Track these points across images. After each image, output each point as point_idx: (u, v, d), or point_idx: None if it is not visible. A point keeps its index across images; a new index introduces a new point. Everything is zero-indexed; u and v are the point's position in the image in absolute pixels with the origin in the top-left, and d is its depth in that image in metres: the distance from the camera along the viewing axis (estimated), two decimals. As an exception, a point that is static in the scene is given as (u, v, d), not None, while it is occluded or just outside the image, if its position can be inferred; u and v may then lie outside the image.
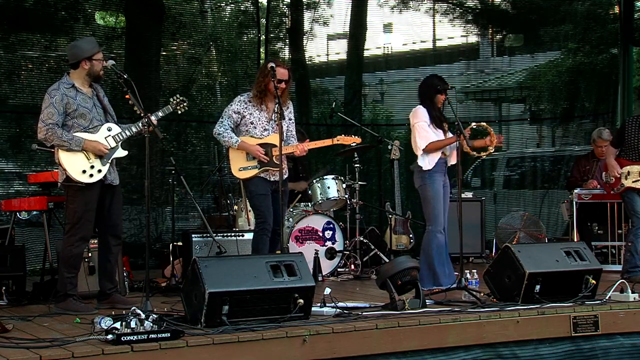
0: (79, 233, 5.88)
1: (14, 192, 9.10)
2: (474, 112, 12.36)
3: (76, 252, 5.91)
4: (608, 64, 11.70)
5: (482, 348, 5.34)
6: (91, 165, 5.85)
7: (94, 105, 6.01)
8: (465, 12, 12.13)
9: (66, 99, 5.83)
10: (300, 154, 6.74)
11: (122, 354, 4.31)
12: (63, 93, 5.84)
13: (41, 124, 5.81)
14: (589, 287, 5.90)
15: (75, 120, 5.88)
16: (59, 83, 5.92)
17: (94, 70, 5.96)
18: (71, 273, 5.91)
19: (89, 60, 5.93)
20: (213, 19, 10.85)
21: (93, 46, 6.01)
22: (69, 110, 5.86)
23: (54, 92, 5.85)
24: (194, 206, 8.46)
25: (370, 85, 12.07)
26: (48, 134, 5.78)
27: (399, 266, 5.69)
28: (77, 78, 5.97)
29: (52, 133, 5.76)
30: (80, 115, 5.89)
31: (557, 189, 11.18)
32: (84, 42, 6.16)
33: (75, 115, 5.87)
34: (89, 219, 5.91)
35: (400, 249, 8.88)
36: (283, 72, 6.59)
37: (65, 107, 5.83)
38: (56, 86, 5.90)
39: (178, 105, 6.31)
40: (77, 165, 5.82)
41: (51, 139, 5.80)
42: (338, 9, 11.32)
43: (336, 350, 4.88)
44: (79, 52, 5.96)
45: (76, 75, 5.98)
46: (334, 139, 6.90)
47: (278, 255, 5.70)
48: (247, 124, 6.63)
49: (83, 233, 5.91)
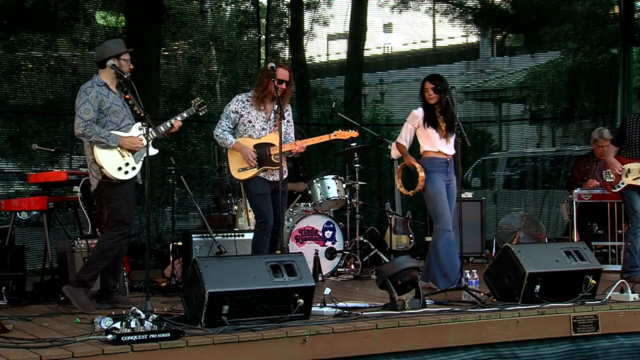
0: (123, 229, 5.96)
1: (14, 192, 9.10)
2: (474, 112, 12.37)
3: (115, 247, 5.97)
4: (608, 64, 11.70)
5: (482, 348, 5.34)
6: (126, 163, 5.93)
7: (124, 105, 6.11)
8: (465, 12, 12.14)
9: (100, 96, 5.92)
10: (299, 151, 6.75)
11: (122, 354, 4.31)
12: (97, 91, 5.93)
13: (79, 120, 5.87)
14: (589, 287, 5.89)
15: (109, 118, 5.96)
16: (91, 82, 6.01)
17: (121, 70, 6.01)
18: (101, 265, 5.98)
19: (117, 59, 6.00)
20: (213, 19, 10.86)
21: (120, 46, 6.12)
22: (103, 107, 5.93)
23: (89, 89, 5.95)
24: (194, 206, 8.46)
25: (370, 85, 12.07)
26: (86, 130, 5.84)
27: (399, 266, 5.69)
28: (106, 77, 6.06)
29: (90, 129, 5.84)
30: (113, 113, 5.96)
31: (557, 189, 11.18)
32: (112, 42, 6.27)
33: (108, 112, 5.95)
34: (131, 215, 6.02)
35: (400, 249, 8.89)
36: (284, 73, 6.60)
37: (99, 104, 5.92)
38: (90, 84, 6.00)
39: (199, 108, 6.41)
40: (113, 162, 5.90)
41: (89, 135, 5.86)
42: (338, 9, 11.33)
43: (336, 350, 4.88)
44: (107, 51, 6.06)
45: (105, 75, 6.07)
46: (331, 135, 6.91)
47: (278, 255, 5.70)
48: (245, 123, 6.64)
49: (126, 229, 5.99)
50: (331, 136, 6.91)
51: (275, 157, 6.53)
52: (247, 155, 6.54)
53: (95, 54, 6.27)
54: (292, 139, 6.80)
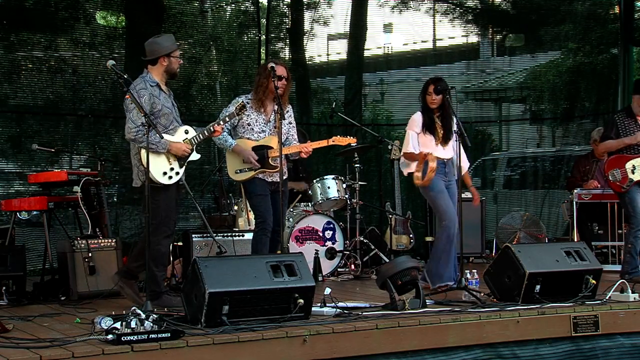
0: (164, 232, 5.98)
1: (14, 192, 9.10)
2: (474, 112, 12.37)
3: (163, 250, 6.03)
4: (608, 64, 11.70)
5: (482, 348, 5.34)
6: (171, 168, 5.92)
7: (173, 105, 6.07)
8: (466, 12, 12.14)
9: (153, 98, 5.86)
10: (306, 155, 6.74)
11: (122, 354, 4.31)
12: (150, 93, 5.85)
13: (131, 124, 5.79)
14: (589, 287, 5.89)
15: (159, 120, 5.89)
16: (143, 81, 5.90)
17: (171, 67, 6.00)
18: (161, 270, 6.04)
19: (167, 57, 5.96)
20: (213, 19, 10.86)
21: (171, 43, 6.03)
22: (155, 109, 5.88)
23: (142, 90, 5.83)
24: (194, 206, 8.46)
25: (370, 85, 12.07)
26: (138, 136, 5.75)
27: (399, 266, 5.69)
28: (157, 75, 5.99)
29: (142, 135, 5.65)
30: (163, 115, 5.92)
31: (558, 189, 11.18)
32: (163, 39, 6.12)
33: (159, 115, 5.90)
34: (172, 217, 6.04)
35: (401, 249, 8.89)
36: (282, 70, 6.60)
37: (151, 106, 5.85)
38: (142, 84, 5.88)
39: (240, 111, 6.36)
40: (159, 166, 5.86)
41: (140, 141, 5.75)
42: (338, 9, 11.33)
43: (336, 350, 4.88)
44: (158, 49, 5.97)
45: (155, 72, 5.99)
46: (329, 140, 6.87)
47: (278, 255, 5.70)
48: (244, 126, 6.64)
49: (168, 231, 6.02)
50: (329, 141, 6.85)
51: (273, 160, 6.52)
52: (249, 156, 6.53)
53: (146, 48, 6.05)
54: (295, 140, 6.80)
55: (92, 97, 9.58)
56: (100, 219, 7.43)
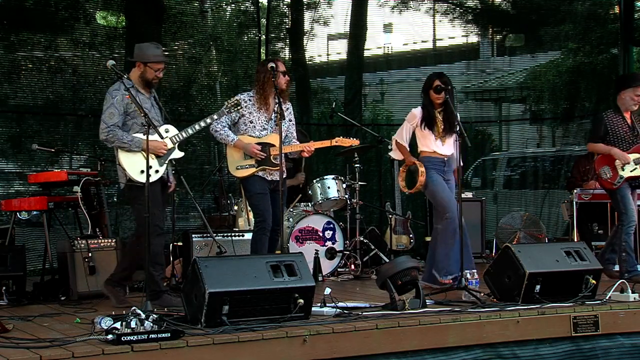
0: (154, 231, 5.94)
1: (14, 192, 9.10)
2: (474, 112, 12.38)
3: (156, 249, 6.00)
4: (608, 64, 11.70)
5: (482, 348, 5.34)
6: (149, 166, 5.88)
7: (152, 106, 6.10)
8: (466, 12, 12.14)
9: (126, 99, 5.88)
10: (308, 155, 6.75)
11: (122, 354, 4.31)
12: (123, 93, 5.89)
13: (103, 125, 5.90)
14: (589, 287, 5.89)
15: (135, 121, 5.95)
16: (119, 83, 5.95)
17: (145, 76, 6.04)
18: (157, 270, 6.02)
19: (144, 65, 6.00)
20: (213, 19, 10.86)
21: (153, 54, 6.05)
22: (129, 110, 5.93)
23: (115, 92, 5.93)
24: (194, 206, 8.46)
25: (370, 85, 12.07)
26: (109, 136, 5.88)
27: (399, 266, 5.68)
28: (133, 77, 6.05)
29: (113, 135, 5.86)
30: (139, 116, 5.90)
31: (558, 189, 11.18)
32: (149, 47, 6.13)
33: (134, 115, 5.93)
34: (159, 216, 6.03)
35: (401, 249, 8.88)
36: (282, 65, 6.62)
37: (125, 107, 5.91)
38: (117, 86, 5.96)
39: (234, 108, 6.35)
40: (136, 165, 5.91)
41: (112, 140, 5.89)
42: (338, 9, 11.34)
43: (336, 350, 4.87)
44: (139, 53, 6.05)
45: (133, 75, 6.06)
46: (332, 140, 6.90)
47: (278, 255, 5.70)
48: (246, 123, 6.63)
49: (158, 230, 6.00)
50: (332, 142, 6.89)
51: (275, 158, 6.52)
52: (252, 150, 6.52)
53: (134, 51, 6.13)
54: (295, 138, 6.80)
55: (92, 97, 9.58)
56: (100, 219, 7.44)
